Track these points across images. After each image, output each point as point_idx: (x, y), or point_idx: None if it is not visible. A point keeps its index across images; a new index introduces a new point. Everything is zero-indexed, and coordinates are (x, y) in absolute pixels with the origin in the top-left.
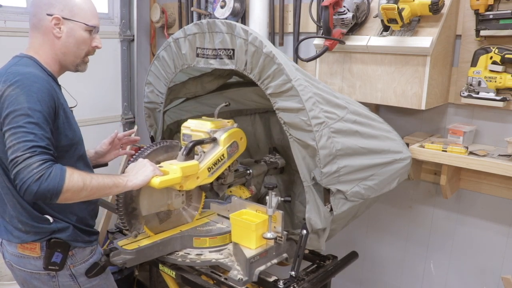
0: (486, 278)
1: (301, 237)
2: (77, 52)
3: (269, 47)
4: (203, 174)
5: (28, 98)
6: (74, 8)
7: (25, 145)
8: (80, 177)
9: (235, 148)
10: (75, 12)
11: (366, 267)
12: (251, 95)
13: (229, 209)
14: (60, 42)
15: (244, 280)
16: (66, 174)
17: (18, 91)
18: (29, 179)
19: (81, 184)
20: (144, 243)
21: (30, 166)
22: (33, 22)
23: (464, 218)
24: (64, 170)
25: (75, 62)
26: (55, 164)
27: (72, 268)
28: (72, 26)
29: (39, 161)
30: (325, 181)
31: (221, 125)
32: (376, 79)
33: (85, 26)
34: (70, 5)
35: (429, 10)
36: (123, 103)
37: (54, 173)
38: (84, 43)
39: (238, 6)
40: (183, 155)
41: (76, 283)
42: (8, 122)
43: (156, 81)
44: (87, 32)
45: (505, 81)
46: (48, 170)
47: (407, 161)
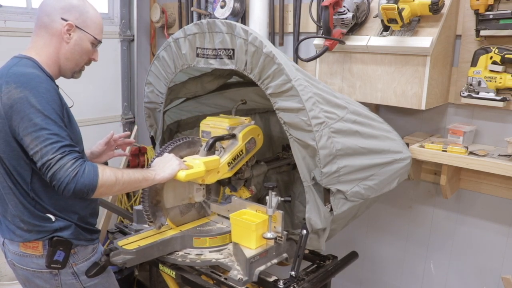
0: (486, 278)
1: (301, 237)
2: (79, 60)
3: (269, 47)
4: (223, 169)
5: (38, 99)
6: (88, 20)
7: (53, 147)
8: (112, 172)
9: (253, 144)
10: (88, 24)
11: (366, 267)
12: (251, 95)
13: (229, 209)
14: (67, 47)
15: (244, 280)
16: (99, 170)
17: (27, 93)
18: (66, 178)
19: (114, 178)
20: (144, 243)
21: (64, 166)
22: (44, 21)
23: (464, 218)
24: (96, 167)
25: (73, 69)
26: (86, 162)
27: (74, 266)
28: (82, 36)
29: (72, 160)
30: (325, 181)
31: (239, 122)
32: (376, 79)
33: (92, 38)
34: (85, 16)
35: (429, 10)
36: (123, 103)
37: (88, 170)
38: (86, 53)
39: (238, 6)
40: (205, 150)
41: (78, 281)
42: (26, 126)
43: (156, 81)
44: (91, 45)
45: (505, 81)
46: (81, 167)
47: (407, 161)
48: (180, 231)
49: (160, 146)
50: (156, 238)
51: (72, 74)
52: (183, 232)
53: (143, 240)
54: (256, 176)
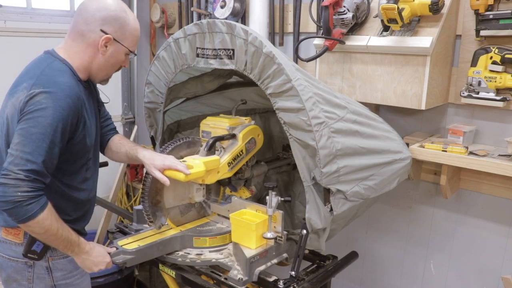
0: (486, 278)
1: (301, 237)
2: (111, 71)
3: (269, 47)
4: (223, 169)
5: (54, 113)
6: (126, 32)
7: (24, 165)
8: (53, 221)
9: (253, 144)
10: (126, 36)
11: (366, 267)
12: (251, 95)
13: (229, 209)
14: (102, 59)
15: (244, 280)
16: (41, 214)
17: (50, 102)
18: (9, 196)
19: (48, 228)
20: (144, 242)
21: (19, 188)
22: (81, 28)
23: (464, 218)
24: (41, 208)
25: (103, 78)
26: (40, 197)
27: (50, 261)
28: (118, 48)
29: (28, 189)
30: (325, 181)
31: (239, 122)
32: (376, 79)
33: (127, 51)
34: (124, 29)
35: (429, 10)
36: (123, 103)
37: (32, 207)
38: (118, 64)
39: (238, 6)
40: (205, 150)
41: (50, 276)
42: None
43: (156, 81)
44: (125, 56)
45: (505, 81)
46: (30, 200)
47: (407, 161)
48: (180, 231)
49: (160, 146)
50: (156, 238)
51: (100, 81)
52: (183, 232)
53: (143, 240)
54: (256, 176)
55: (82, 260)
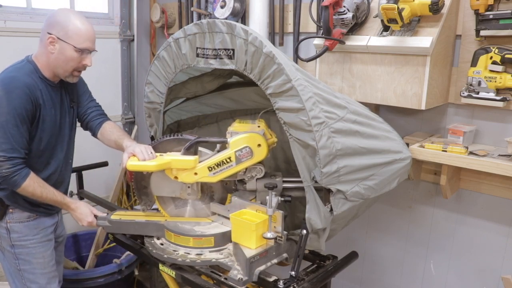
0: (486, 278)
1: (301, 237)
2: (66, 67)
3: (269, 47)
4: (202, 171)
5: (9, 101)
6: (69, 31)
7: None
8: (34, 188)
9: (247, 154)
10: (69, 35)
11: (366, 267)
12: (251, 95)
13: (229, 209)
14: (53, 57)
15: (244, 280)
16: (25, 181)
17: (2, 94)
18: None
19: (31, 192)
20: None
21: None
22: (41, 34)
23: (464, 218)
24: (25, 176)
25: (64, 74)
26: (21, 170)
27: (8, 223)
28: (64, 46)
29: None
30: (325, 181)
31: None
32: (376, 79)
33: (74, 48)
34: (66, 29)
35: (429, 10)
36: (123, 103)
37: (15, 179)
38: (72, 61)
39: (238, 6)
40: (184, 149)
41: (8, 237)
42: None
43: (156, 81)
44: (77, 52)
45: (505, 81)
46: (14, 173)
47: (407, 161)
48: (164, 221)
49: None
50: (138, 218)
51: (64, 78)
52: (163, 222)
53: (129, 216)
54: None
55: (71, 214)
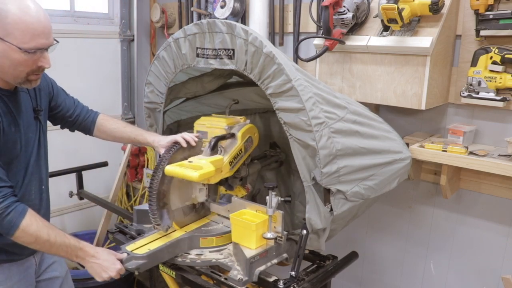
0: (486, 278)
1: (301, 237)
2: (14, 73)
3: (269, 47)
4: (225, 168)
5: None
6: (8, 26)
7: None
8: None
9: (250, 142)
10: (9, 32)
11: (366, 267)
12: (251, 95)
13: (229, 209)
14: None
15: (244, 280)
16: (24, 220)
17: None
18: None
19: (36, 236)
20: (154, 246)
21: None
22: None
23: (464, 218)
24: (23, 214)
25: (16, 81)
26: (15, 204)
27: None
28: (5, 47)
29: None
30: (325, 181)
31: (235, 122)
32: (376, 79)
33: (18, 49)
34: (3, 23)
35: (429, 10)
36: (123, 103)
37: (11, 216)
38: (21, 65)
39: (238, 6)
40: (209, 150)
41: None
42: None
43: (156, 81)
44: (25, 54)
45: (505, 81)
46: (7, 209)
47: (407, 161)
48: (185, 232)
49: None
50: (164, 240)
51: (18, 84)
52: (190, 233)
53: (151, 243)
54: (251, 174)
55: (91, 265)
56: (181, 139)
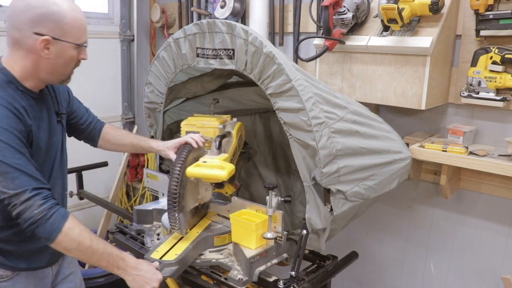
0: (486, 278)
1: (301, 237)
2: (65, 70)
3: (269, 47)
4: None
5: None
6: (65, 27)
7: (17, 187)
8: (81, 234)
9: (241, 140)
10: (66, 31)
11: (366, 267)
12: (251, 95)
13: (229, 209)
14: (48, 62)
15: (244, 280)
16: (66, 224)
17: None
18: (31, 219)
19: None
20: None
21: (31, 207)
22: (15, 36)
23: (464, 218)
24: (65, 217)
25: (61, 79)
26: (57, 207)
27: None
28: (63, 46)
29: (40, 202)
30: (325, 181)
31: (225, 120)
32: (376, 79)
33: (75, 45)
34: (61, 24)
35: (429, 10)
36: (123, 103)
37: (54, 218)
38: (72, 61)
39: (238, 6)
40: (216, 149)
41: None
42: None
43: (156, 81)
44: (76, 50)
45: (505, 81)
46: (49, 211)
47: (407, 161)
48: (198, 233)
49: None
50: (185, 243)
51: (60, 82)
52: (204, 233)
53: (174, 248)
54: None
55: (133, 278)
56: (191, 140)
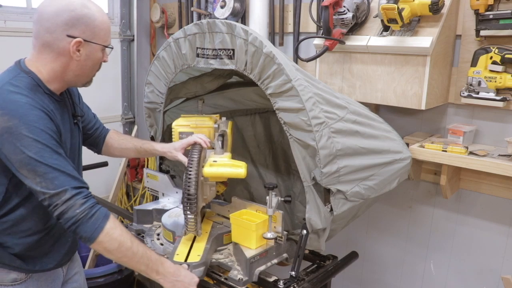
0: (486, 278)
1: (301, 237)
2: (91, 73)
3: (269, 47)
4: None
5: (30, 128)
6: (95, 29)
7: (56, 187)
8: (122, 234)
9: (232, 138)
10: (96, 33)
11: (366, 267)
12: (251, 95)
13: (229, 209)
14: (77, 64)
15: (244, 280)
16: (107, 223)
17: (16, 122)
18: (73, 218)
19: (120, 241)
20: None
21: (73, 207)
22: (46, 39)
23: (464, 218)
24: (106, 217)
25: (85, 81)
26: (98, 206)
27: None
28: (92, 48)
29: (82, 201)
30: (325, 181)
31: (215, 120)
32: (376, 79)
33: (103, 47)
34: (91, 26)
35: (429, 10)
36: (123, 103)
37: (96, 216)
38: (98, 62)
39: (238, 6)
40: (222, 148)
41: None
42: (19, 159)
43: (156, 81)
44: (102, 52)
45: (505, 81)
46: (90, 210)
47: (407, 161)
48: (206, 233)
49: None
50: (202, 243)
51: (83, 85)
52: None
53: (194, 249)
54: None
55: (173, 284)
56: (201, 140)
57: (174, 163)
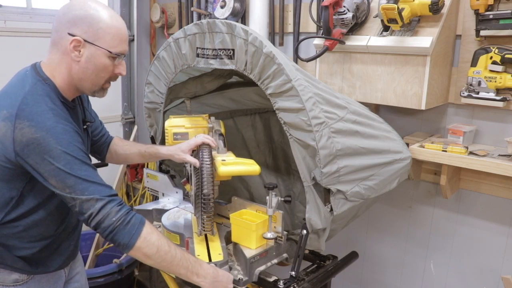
0: (486, 278)
1: (301, 237)
2: (96, 79)
3: (269, 47)
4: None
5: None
6: (99, 31)
7: (90, 195)
8: (159, 239)
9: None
10: (100, 36)
11: (366, 267)
12: (251, 95)
13: (229, 209)
14: (78, 66)
15: (244, 280)
16: (144, 228)
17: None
18: (110, 226)
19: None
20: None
21: (109, 215)
22: (54, 37)
23: (464, 218)
24: (142, 223)
25: (92, 89)
26: (132, 212)
27: None
28: (94, 51)
29: (116, 207)
30: (325, 181)
31: (207, 120)
32: (376, 79)
33: (108, 53)
34: (95, 27)
35: (429, 10)
36: (123, 103)
37: (133, 222)
38: (104, 70)
39: (238, 6)
40: (225, 147)
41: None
42: (49, 170)
43: (156, 81)
44: (110, 59)
45: (505, 81)
46: (126, 217)
47: (407, 161)
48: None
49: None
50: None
51: (92, 93)
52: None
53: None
54: None
55: (214, 286)
56: (209, 141)
57: (174, 163)
